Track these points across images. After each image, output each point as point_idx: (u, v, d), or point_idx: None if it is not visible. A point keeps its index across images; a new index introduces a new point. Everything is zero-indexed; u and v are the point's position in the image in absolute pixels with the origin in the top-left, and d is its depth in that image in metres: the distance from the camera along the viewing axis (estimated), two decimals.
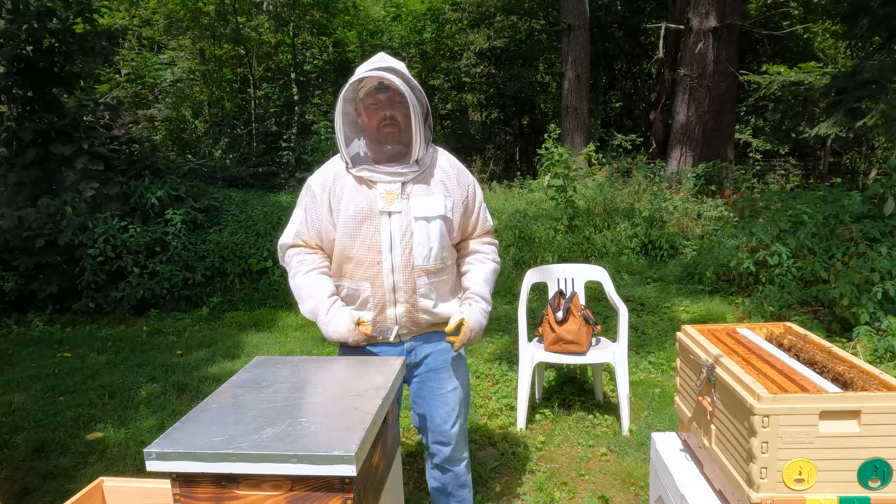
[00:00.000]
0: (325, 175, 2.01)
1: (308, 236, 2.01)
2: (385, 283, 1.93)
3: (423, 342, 2.06)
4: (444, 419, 2.10)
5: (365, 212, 1.92)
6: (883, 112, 6.98)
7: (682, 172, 10.44)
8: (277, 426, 1.41)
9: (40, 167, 6.10)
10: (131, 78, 13.18)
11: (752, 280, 5.73)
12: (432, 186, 1.97)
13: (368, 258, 1.93)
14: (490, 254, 2.13)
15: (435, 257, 1.96)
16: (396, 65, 1.95)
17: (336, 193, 1.96)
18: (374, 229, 1.91)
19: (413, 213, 1.92)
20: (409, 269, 1.93)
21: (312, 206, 1.99)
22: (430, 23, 15.43)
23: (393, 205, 1.91)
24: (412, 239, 1.92)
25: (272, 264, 6.56)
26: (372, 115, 1.93)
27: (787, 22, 13.91)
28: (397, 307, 1.96)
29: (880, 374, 1.42)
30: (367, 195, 1.93)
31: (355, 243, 1.92)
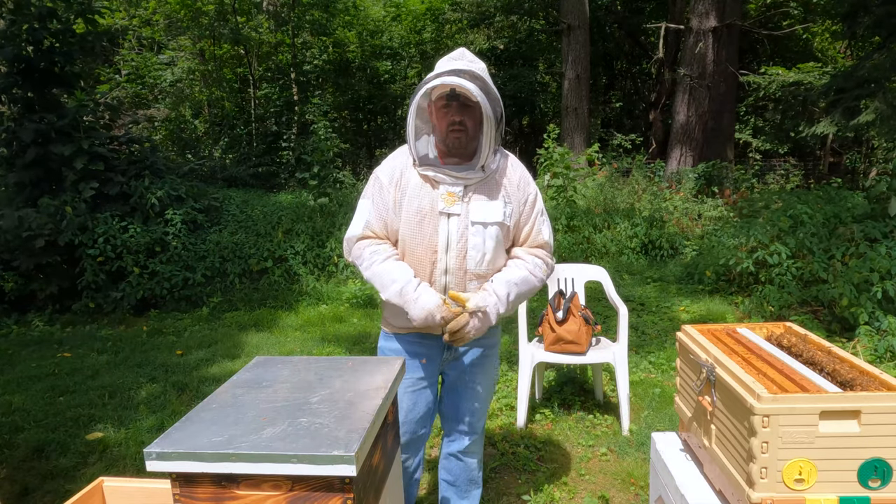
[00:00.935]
0: (392, 167, 2.01)
1: (377, 227, 2.00)
2: (437, 283, 1.96)
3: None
4: (471, 412, 2.17)
5: (426, 210, 1.93)
6: (878, 109, 6.99)
7: (682, 172, 10.44)
8: (277, 426, 1.41)
9: (40, 167, 6.10)
10: (131, 78, 13.18)
11: (752, 280, 5.74)
12: (494, 192, 1.96)
13: (425, 257, 1.95)
14: (529, 262, 2.02)
15: (488, 263, 1.97)
16: (475, 67, 1.91)
17: (401, 187, 1.97)
18: (432, 229, 1.93)
19: (471, 217, 1.93)
20: (461, 271, 1.95)
21: (380, 196, 2.00)
22: (430, 23, 15.43)
23: (453, 207, 1.92)
24: (467, 243, 1.93)
25: (272, 264, 6.56)
26: (442, 116, 1.92)
27: (787, 22, 13.91)
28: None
29: (880, 374, 1.42)
30: (429, 194, 1.94)
31: (415, 241, 1.95)
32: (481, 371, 2.14)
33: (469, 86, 1.80)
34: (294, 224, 7.17)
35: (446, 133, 1.91)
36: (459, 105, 1.88)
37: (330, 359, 1.91)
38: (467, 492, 2.29)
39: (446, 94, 1.88)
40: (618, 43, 17.48)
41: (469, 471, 2.26)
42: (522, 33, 15.72)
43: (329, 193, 7.85)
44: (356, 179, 10.05)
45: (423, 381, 2.10)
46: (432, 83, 1.85)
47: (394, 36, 15.26)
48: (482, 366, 2.14)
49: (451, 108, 1.89)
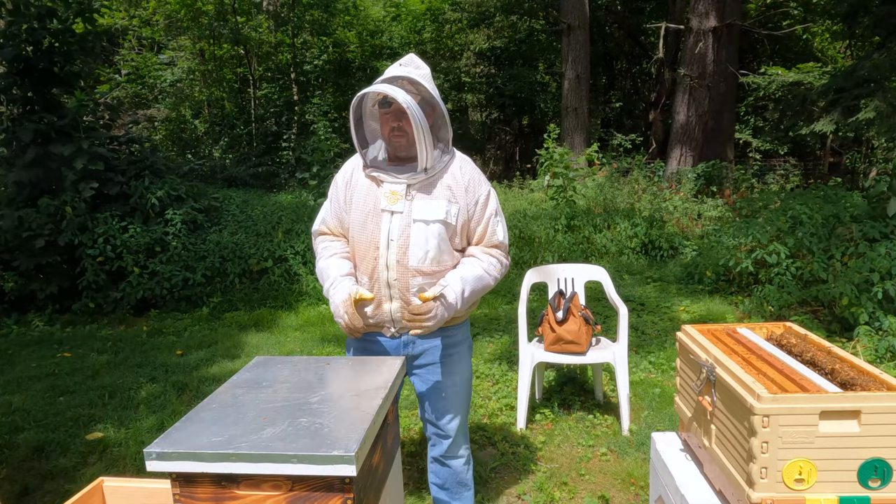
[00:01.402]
0: (345, 169, 2.16)
1: (332, 224, 2.15)
2: (381, 278, 2.01)
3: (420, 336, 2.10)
4: (441, 413, 2.17)
5: (370, 208, 2.02)
6: (878, 108, 6.99)
7: (681, 172, 10.44)
8: (277, 426, 1.41)
9: (40, 167, 6.09)
10: (131, 78, 13.18)
11: (752, 280, 5.74)
12: (437, 191, 2.02)
13: (368, 253, 2.02)
14: (484, 261, 2.08)
15: (431, 259, 2.01)
16: (412, 73, 1.98)
17: (352, 186, 2.09)
18: (374, 226, 2.01)
19: (413, 214, 1.99)
20: (402, 267, 1.99)
21: (335, 195, 2.14)
22: (430, 23, 15.43)
23: (396, 205, 2.00)
24: (409, 239, 1.99)
25: (272, 264, 6.56)
26: (384, 122, 2.01)
27: (787, 22, 13.91)
28: (392, 303, 2.03)
29: (880, 374, 1.42)
30: (374, 193, 2.03)
31: (360, 237, 2.04)
32: (447, 372, 2.15)
33: (397, 93, 1.88)
34: (294, 224, 7.17)
35: (389, 137, 2.01)
36: (397, 111, 1.95)
37: (330, 359, 1.91)
38: (458, 494, 2.30)
39: (380, 101, 1.99)
40: (618, 43, 17.48)
41: (455, 474, 2.26)
42: (522, 33, 15.71)
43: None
44: None
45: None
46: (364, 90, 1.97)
47: (394, 36, 15.26)
48: (447, 366, 2.14)
49: (389, 114, 1.98)
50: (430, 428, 2.23)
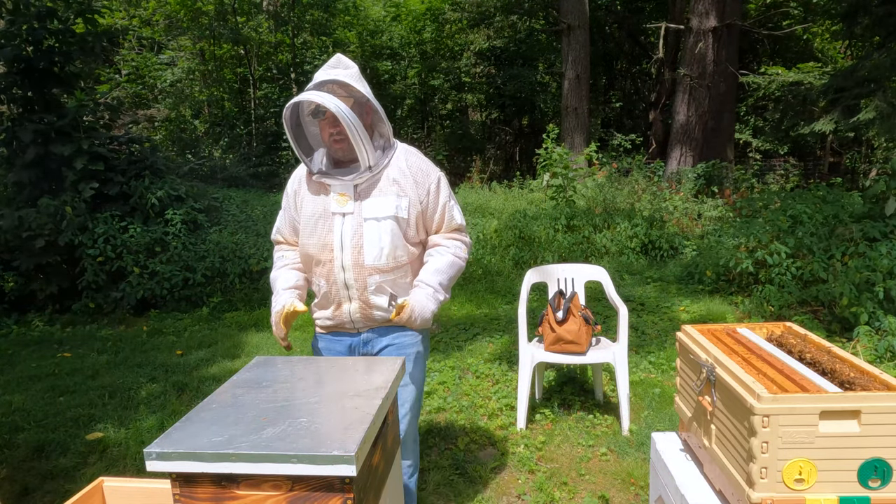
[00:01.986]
0: (294, 179, 2.18)
1: (286, 233, 2.21)
2: (338, 280, 2.03)
3: (379, 334, 2.13)
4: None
5: (319, 213, 2.04)
6: (878, 108, 6.99)
7: (681, 172, 10.45)
8: (277, 426, 1.41)
9: (40, 167, 6.09)
10: (131, 78, 13.18)
11: (752, 280, 5.74)
12: (384, 187, 2.03)
13: (322, 256, 2.04)
14: (451, 247, 2.14)
15: (387, 256, 2.02)
16: (341, 75, 1.97)
17: (300, 195, 2.11)
18: (326, 229, 2.03)
19: (364, 213, 2.00)
20: (358, 267, 2.01)
21: (287, 206, 2.18)
22: (430, 23, 15.43)
23: (346, 206, 2.01)
24: (362, 238, 2.00)
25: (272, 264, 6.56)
26: (322, 129, 2.03)
27: (787, 22, 13.91)
28: (352, 303, 2.06)
29: (880, 374, 1.42)
30: (323, 199, 2.05)
31: (311, 242, 2.05)
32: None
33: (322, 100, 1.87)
34: None
35: (329, 143, 2.02)
36: (331, 117, 1.95)
37: (330, 359, 1.91)
38: None
39: (311, 113, 2.00)
40: (618, 43, 17.48)
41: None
42: (522, 33, 15.71)
43: None
44: None
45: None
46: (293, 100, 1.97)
47: (394, 36, 15.27)
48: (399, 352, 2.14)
49: (325, 122, 1.99)
50: None
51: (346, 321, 2.10)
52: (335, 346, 2.17)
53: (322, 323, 2.18)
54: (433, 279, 2.09)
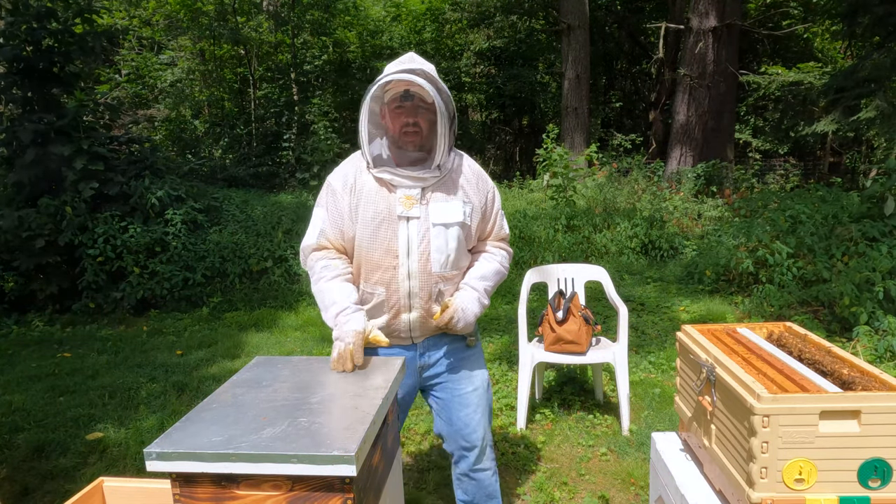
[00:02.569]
0: (345, 172, 1.97)
1: (332, 236, 1.96)
2: (401, 289, 1.91)
3: (435, 343, 2.04)
4: (465, 422, 2.06)
5: (383, 215, 1.89)
6: (878, 107, 6.99)
7: (681, 172, 10.45)
8: (277, 426, 1.41)
9: (40, 167, 6.09)
10: (131, 78, 13.18)
11: (752, 280, 5.74)
12: (452, 192, 1.93)
13: (385, 263, 1.90)
14: (496, 255, 2.09)
15: (452, 264, 1.94)
16: (426, 66, 1.90)
17: (356, 192, 1.93)
18: (391, 234, 1.88)
19: (432, 219, 1.89)
20: (425, 275, 1.91)
21: (334, 204, 1.96)
22: (430, 23, 15.43)
23: (412, 210, 1.88)
24: (430, 245, 1.89)
25: (272, 264, 6.56)
26: (395, 118, 1.89)
27: (787, 22, 13.90)
28: (412, 312, 1.94)
29: (880, 374, 1.42)
30: (386, 198, 1.89)
31: (372, 246, 1.90)
32: (464, 374, 2.07)
33: (423, 83, 1.79)
34: (294, 224, 7.17)
35: (400, 135, 1.89)
36: (413, 106, 1.86)
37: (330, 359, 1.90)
38: None
39: (400, 95, 1.86)
40: (618, 43, 17.48)
41: (483, 487, 2.14)
42: (522, 33, 15.71)
43: None
44: None
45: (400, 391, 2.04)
46: (386, 79, 1.82)
47: (394, 36, 15.26)
48: (462, 369, 2.07)
49: (404, 110, 1.87)
50: (452, 443, 2.09)
51: (402, 331, 1.98)
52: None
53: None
54: (479, 284, 2.01)
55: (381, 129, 1.96)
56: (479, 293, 2.00)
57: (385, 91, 1.88)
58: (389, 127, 1.91)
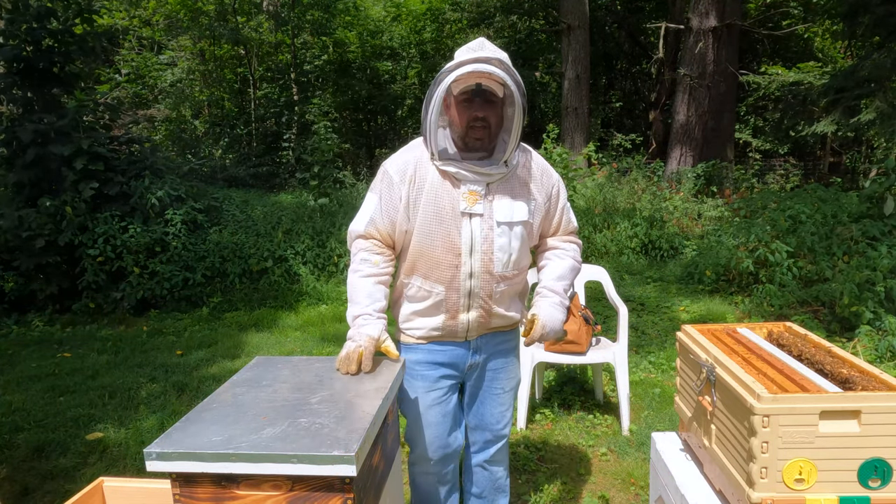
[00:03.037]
0: (405, 161, 1.84)
1: (382, 225, 1.86)
2: (461, 288, 1.84)
3: (488, 340, 1.99)
4: (497, 419, 2.08)
5: (446, 211, 1.79)
6: (879, 108, 6.99)
7: (681, 172, 10.45)
8: (277, 426, 1.41)
9: (40, 167, 6.09)
10: (131, 78, 13.19)
11: (752, 280, 5.73)
12: (517, 189, 1.85)
13: (445, 260, 1.81)
14: (570, 251, 2.03)
15: (514, 264, 1.87)
16: (500, 55, 1.75)
17: (416, 184, 1.81)
18: (454, 230, 1.80)
19: (496, 216, 1.81)
20: (487, 274, 1.84)
21: (388, 193, 1.84)
22: (430, 23, 15.43)
23: (475, 206, 1.79)
24: (493, 244, 1.82)
25: (272, 264, 6.56)
26: (462, 111, 1.77)
27: (787, 22, 13.90)
28: (471, 312, 1.88)
29: (880, 374, 1.42)
30: (450, 193, 1.80)
31: (433, 243, 1.81)
32: (504, 374, 2.06)
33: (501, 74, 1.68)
34: (294, 224, 7.17)
35: (466, 129, 1.77)
36: (483, 100, 1.75)
37: (330, 359, 1.90)
38: (493, 502, 2.21)
39: (471, 89, 1.73)
40: (618, 43, 17.47)
41: (495, 479, 2.17)
42: (522, 33, 15.71)
43: (329, 193, 7.84)
44: (356, 180, 10.06)
45: (449, 392, 2.00)
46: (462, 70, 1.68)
47: (394, 36, 15.27)
48: (504, 369, 2.06)
49: (473, 104, 1.75)
50: (477, 433, 2.10)
51: (458, 331, 1.91)
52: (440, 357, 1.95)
53: (421, 333, 1.93)
54: (557, 285, 1.96)
55: (444, 119, 1.84)
56: (560, 296, 1.96)
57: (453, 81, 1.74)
58: (455, 120, 1.79)
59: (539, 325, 1.88)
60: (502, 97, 1.78)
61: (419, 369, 1.96)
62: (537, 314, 1.90)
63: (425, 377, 1.97)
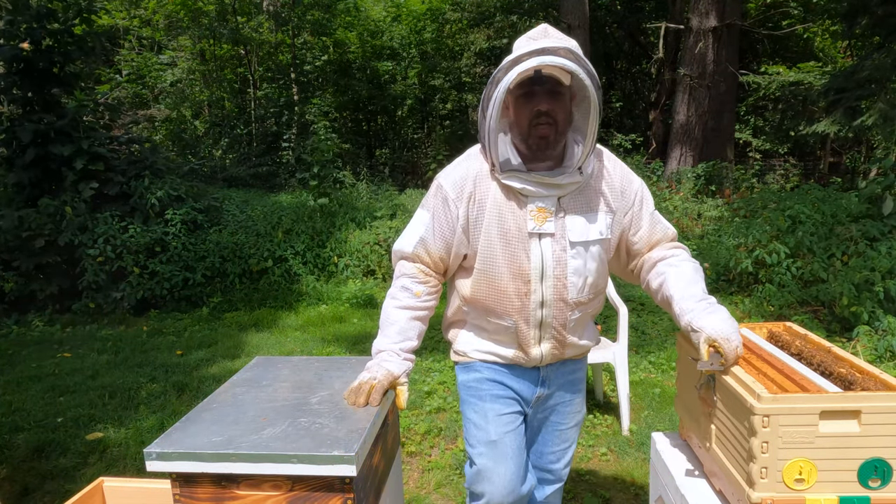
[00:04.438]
0: (463, 176, 1.61)
1: (434, 248, 1.64)
2: (532, 319, 1.62)
3: (557, 369, 1.77)
4: (557, 457, 1.88)
5: (512, 232, 1.56)
6: (881, 110, 6.99)
7: (681, 172, 10.45)
8: (277, 426, 1.41)
9: (40, 167, 6.10)
10: (132, 78, 13.20)
11: (752, 280, 5.73)
12: (593, 202, 1.59)
13: (512, 288, 1.59)
14: (681, 255, 1.69)
15: (590, 288, 1.63)
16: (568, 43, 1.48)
17: (476, 201, 1.58)
18: (522, 255, 1.57)
19: (570, 236, 1.57)
20: (560, 302, 1.60)
21: (443, 211, 1.61)
22: (430, 23, 15.44)
23: (545, 225, 1.55)
24: (566, 268, 1.58)
25: (272, 264, 6.56)
26: (521, 107, 1.52)
27: (787, 21, 13.90)
28: (542, 344, 1.66)
29: (880, 374, 1.42)
30: (514, 211, 1.56)
31: (498, 270, 1.58)
32: (571, 407, 1.84)
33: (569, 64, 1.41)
34: (294, 224, 7.17)
35: (528, 128, 1.52)
36: (546, 92, 1.49)
37: (330, 359, 1.91)
38: None
39: (529, 79, 1.48)
40: (618, 43, 17.48)
41: None
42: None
43: (329, 194, 7.85)
44: (356, 180, 10.06)
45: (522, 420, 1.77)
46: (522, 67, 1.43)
47: (394, 36, 15.28)
48: (571, 402, 1.84)
49: (534, 96, 1.49)
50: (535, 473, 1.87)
51: (528, 363, 1.70)
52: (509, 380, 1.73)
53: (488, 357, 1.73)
54: (697, 290, 1.59)
55: (503, 122, 1.59)
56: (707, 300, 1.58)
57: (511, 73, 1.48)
58: (514, 119, 1.56)
59: (730, 350, 1.43)
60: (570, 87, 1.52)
61: (488, 388, 1.72)
62: (714, 336, 1.43)
63: (496, 397, 1.71)
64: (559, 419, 1.83)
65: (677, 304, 1.56)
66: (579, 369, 1.83)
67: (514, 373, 1.72)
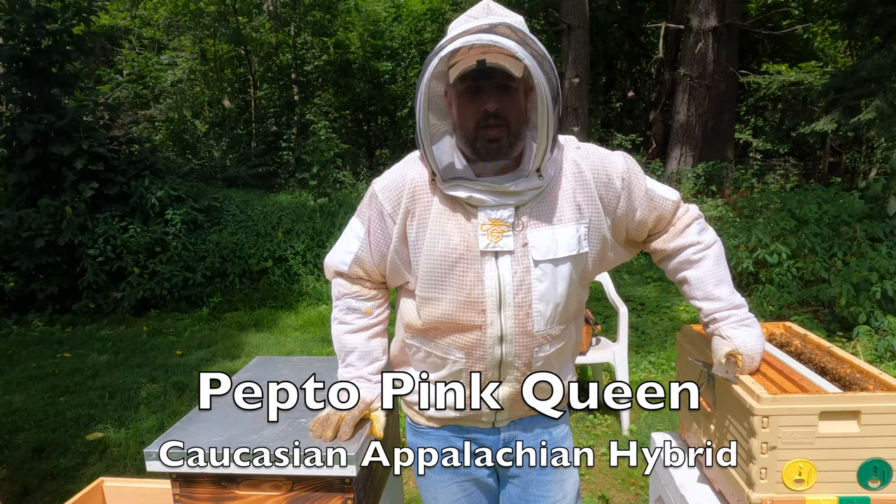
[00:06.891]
0: (399, 184, 1.32)
1: (371, 264, 1.38)
2: (488, 358, 1.31)
3: (524, 429, 1.46)
4: None
5: (460, 251, 1.26)
6: (879, 108, 7.00)
7: (681, 172, 10.45)
8: (277, 426, 1.41)
9: (40, 167, 6.10)
10: (132, 78, 13.20)
11: (752, 280, 5.73)
12: (562, 209, 1.28)
13: (465, 320, 1.29)
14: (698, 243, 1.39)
15: (560, 316, 1.32)
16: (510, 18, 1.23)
17: (416, 215, 1.30)
18: (473, 278, 1.27)
19: (532, 253, 1.26)
20: (525, 336, 1.30)
21: (379, 224, 1.34)
22: (431, 23, 15.44)
23: (501, 241, 1.25)
24: (530, 293, 1.27)
25: (272, 264, 6.56)
26: (465, 105, 1.25)
27: (787, 21, 13.91)
28: (501, 388, 1.35)
29: (880, 374, 1.42)
30: (462, 226, 1.27)
31: (443, 296, 1.29)
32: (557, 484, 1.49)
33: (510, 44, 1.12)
34: (294, 224, 7.17)
35: (475, 131, 1.24)
36: (494, 86, 1.22)
37: (330, 359, 1.91)
38: None
39: (472, 72, 1.20)
40: (618, 43, 17.48)
41: None
42: None
43: (329, 194, 7.85)
44: (356, 180, 10.06)
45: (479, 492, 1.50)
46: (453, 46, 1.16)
47: (394, 36, 15.29)
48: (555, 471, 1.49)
49: (480, 93, 1.22)
50: None
51: (483, 413, 1.38)
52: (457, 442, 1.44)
53: (433, 413, 1.43)
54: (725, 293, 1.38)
55: (447, 121, 1.35)
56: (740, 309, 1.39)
57: (449, 65, 1.24)
58: (458, 120, 1.28)
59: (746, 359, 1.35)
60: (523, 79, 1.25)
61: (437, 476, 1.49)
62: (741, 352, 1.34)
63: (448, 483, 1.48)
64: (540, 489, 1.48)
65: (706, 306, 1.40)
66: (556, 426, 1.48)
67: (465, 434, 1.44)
